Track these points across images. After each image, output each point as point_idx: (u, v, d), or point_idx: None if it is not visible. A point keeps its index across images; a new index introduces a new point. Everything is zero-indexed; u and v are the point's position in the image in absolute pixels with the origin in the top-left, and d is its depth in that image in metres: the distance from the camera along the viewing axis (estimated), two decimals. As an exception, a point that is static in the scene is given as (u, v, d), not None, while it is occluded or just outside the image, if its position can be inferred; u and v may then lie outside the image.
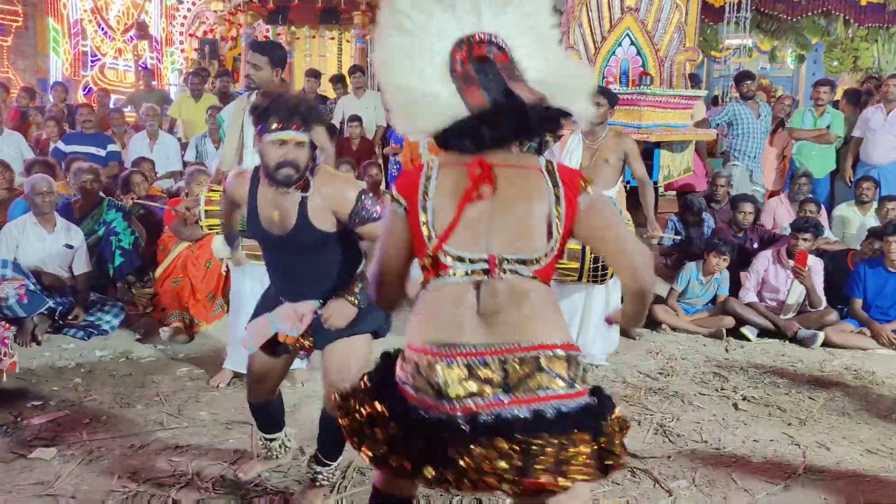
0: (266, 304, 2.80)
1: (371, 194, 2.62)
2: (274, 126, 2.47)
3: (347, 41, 13.49)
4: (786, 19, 11.01)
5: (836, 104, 7.88)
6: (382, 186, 6.86)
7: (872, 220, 6.12)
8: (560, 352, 1.71)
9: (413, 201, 1.78)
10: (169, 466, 3.13)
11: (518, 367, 1.67)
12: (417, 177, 1.79)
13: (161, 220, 5.48)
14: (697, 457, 3.31)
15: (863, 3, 10.52)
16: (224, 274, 4.76)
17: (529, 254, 1.74)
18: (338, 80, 9.03)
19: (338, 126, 7.89)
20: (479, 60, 1.70)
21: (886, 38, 11.04)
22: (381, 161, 7.56)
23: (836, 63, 11.85)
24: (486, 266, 1.73)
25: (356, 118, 7.56)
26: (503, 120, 1.70)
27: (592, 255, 4.17)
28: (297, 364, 4.11)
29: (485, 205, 1.72)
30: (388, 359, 1.90)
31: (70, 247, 4.77)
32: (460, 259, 1.74)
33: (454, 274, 1.74)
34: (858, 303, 5.24)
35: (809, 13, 10.87)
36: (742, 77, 7.33)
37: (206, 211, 3.77)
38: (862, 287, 5.24)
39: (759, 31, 11.72)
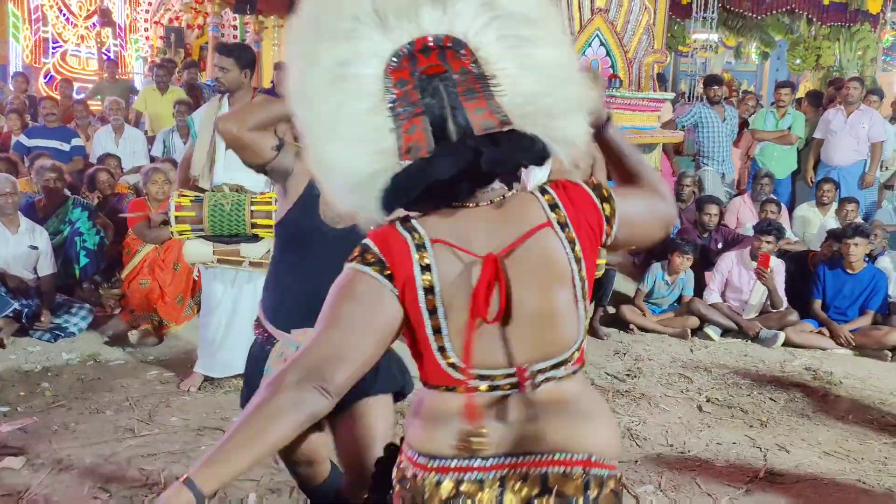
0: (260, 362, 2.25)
1: None
2: None
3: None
4: (751, 17, 11.18)
5: (799, 103, 8.06)
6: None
7: (832, 222, 6.29)
8: (614, 475, 1.37)
9: (410, 288, 1.28)
10: (140, 475, 3.13)
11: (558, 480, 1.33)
12: (407, 250, 1.29)
13: (128, 218, 5.41)
14: (663, 461, 3.40)
15: (825, 3, 10.71)
16: (195, 278, 4.72)
17: (564, 351, 1.34)
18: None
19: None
20: (428, 76, 1.18)
21: (848, 38, 11.27)
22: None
23: (798, 61, 12.08)
24: (513, 381, 1.32)
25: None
26: (445, 168, 1.20)
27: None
28: (269, 368, 4.12)
29: (509, 298, 1.30)
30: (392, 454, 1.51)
31: (34, 248, 4.69)
32: (482, 377, 1.32)
33: (477, 390, 1.33)
34: (818, 303, 5.39)
35: (774, 11, 11.05)
36: (710, 81, 7.45)
37: (176, 217, 3.74)
38: (821, 288, 5.40)
39: (725, 28, 11.88)
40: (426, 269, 1.28)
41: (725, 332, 5.37)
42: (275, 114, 2.08)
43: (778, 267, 5.44)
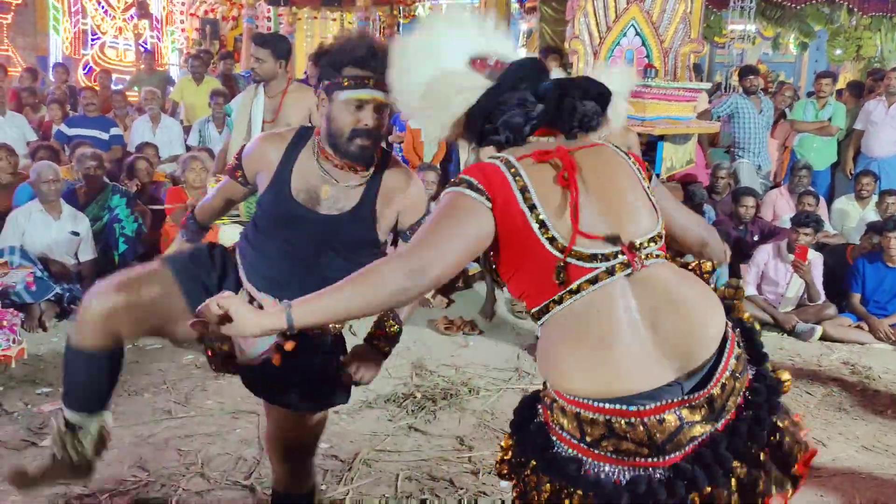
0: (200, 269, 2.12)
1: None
2: (348, 81, 1.88)
3: (350, 23, 13.40)
4: (790, 6, 10.97)
5: (839, 93, 7.89)
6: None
7: (872, 215, 6.16)
8: (740, 351, 1.50)
9: (509, 200, 1.44)
10: (178, 456, 3.19)
11: (721, 393, 1.44)
12: (500, 173, 1.46)
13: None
14: (697, 452, 3.37)
15: (867, -8, 10.49)
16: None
17: (654, 227, 1.49)
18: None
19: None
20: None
21: (890, 28, 11.00)
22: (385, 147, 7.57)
23: (838, 51, 11.83)
24: (623, 259, 1.42)
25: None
26: (574, 93, 1.50)
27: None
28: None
29: (588, 188, 1.46)
30: (532, 410, 1.60)
31: (76, 234, 4.79)
32: (594, 257, 1.42)
33: (596, 280, 1.42)
34: (857, 297, 5.29)
35: (813, 1, 10.84)
36: (746, 72, 7.34)
37: (214, 203, 3.80)
38: (860, 281, 5.30)
39: (763, 18, 11.68)
40: (516, 176, 1.45)
41: (761, 325, 5.26)
42: None
43: (816, 260, 5.35)
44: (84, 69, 11.62)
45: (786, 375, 1.58)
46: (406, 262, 1.39)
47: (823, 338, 5.09)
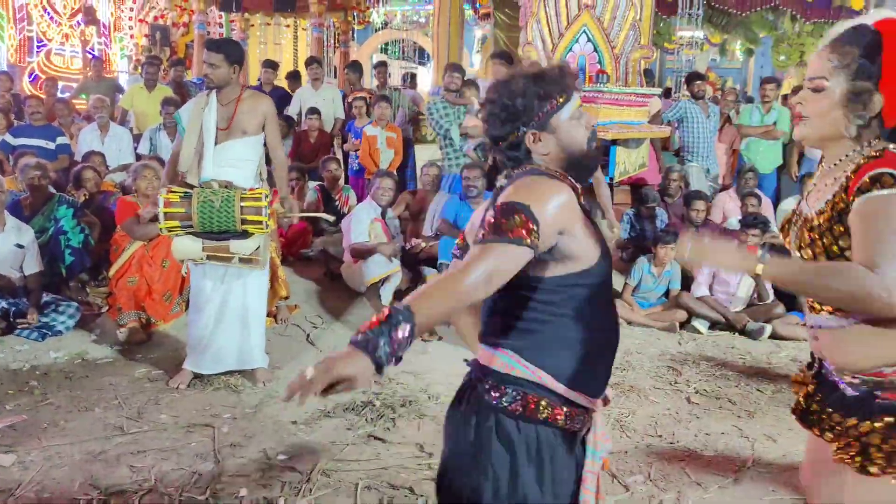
0: None
1: None
2: (562, 98, 1.72)
3: (304, 29, 13.35)
4: (736, 14, 11.27)
5: (784, 98, 8.12)
6: (341, 182, 6.83)
7: (817, 215, 6.33)
8: None
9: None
10: (131, 472, 3.12)
11: None
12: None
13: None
14: (653, 451, 3.43)
15: (809, 0, 10.82)
16: (184, 275, 4.70)
17: None
18: (293, 76, 8.97)
19: (295, 118, 7.83)
20: None
21: (831, 34, 11.37)
22: (339, 155, 7.54)
23: (783, 57, 12.21)
24: None
25: (315, 110, 7.51)
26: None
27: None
28: (259, 363, 4.13)
29: None
30: None
31: (20, 246, 4.66)
32: None
33: None
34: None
35: (758, 8, 11.14)
36: (693, 77, 7.51)
37: (165, 213, 3.73)
38: (807, 280, 5.44)
39: (711, 25, 11.97)
40: None
41: (713, 325, 5.41)
42: None
43: (764, 260, 5.47)
44: (29, 77, 11.32)
45: None
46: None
47: (773, 336, 5.22)
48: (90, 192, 5.71)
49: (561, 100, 1.71)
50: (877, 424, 1.62)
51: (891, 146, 1.64)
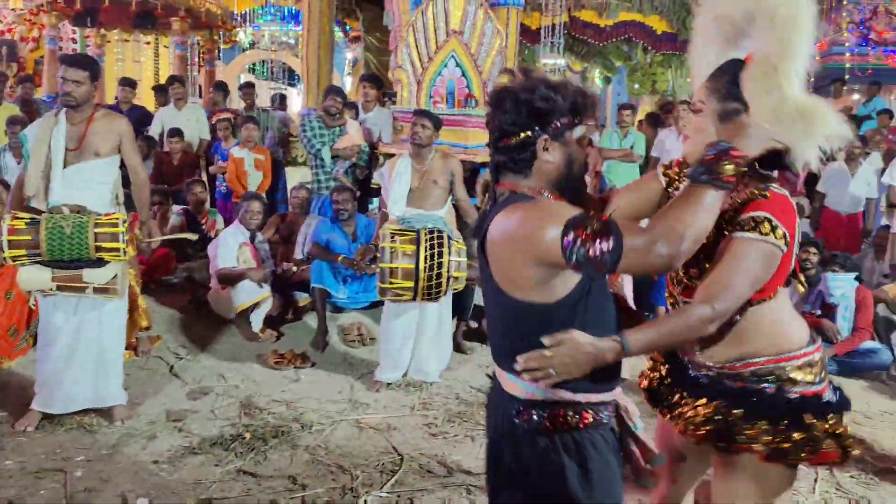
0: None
1: None
2: (578, 118, 1.75)
3: (165, 47, 12.83)
4: (594, 44, 11.93)
5: (640, 124, 8.64)
6: (207, 205, 6.58)
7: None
8: None
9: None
10: (-31, 527, 2.83)
11: None
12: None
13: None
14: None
15: (658, 33, 11.62)
16: (32, 307, 4.34)
17: None
18: (159, 90, 8.57)
19: (156, 139, 7.47)
20: None
21: (679, 65, 12.25)
22: (205, 177, 7.26)
23: (637, 86, 13.01)
24: None
25: (176, 132, 7.20)
26: None
27: (426, 274, 4.29)
28: (117, 399, 3.87)
29: None
30: None
31: None
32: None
33: None
34: (662, 310, 5.77)
35: (614, 39, 11.85)
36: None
37: (9, 241, 3.45)
38: (663, 294, 5.77)
39: (572, 54, 12.59)
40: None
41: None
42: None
43: (626, 276, 5.77)
44: None
45: None
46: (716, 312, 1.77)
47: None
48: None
49: (578, 119, 1.74)
50: (722, 406, 1.88)
51: (774, 185, 1.84)
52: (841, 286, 5.15)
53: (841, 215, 6.93)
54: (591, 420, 1.73)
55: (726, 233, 1.81)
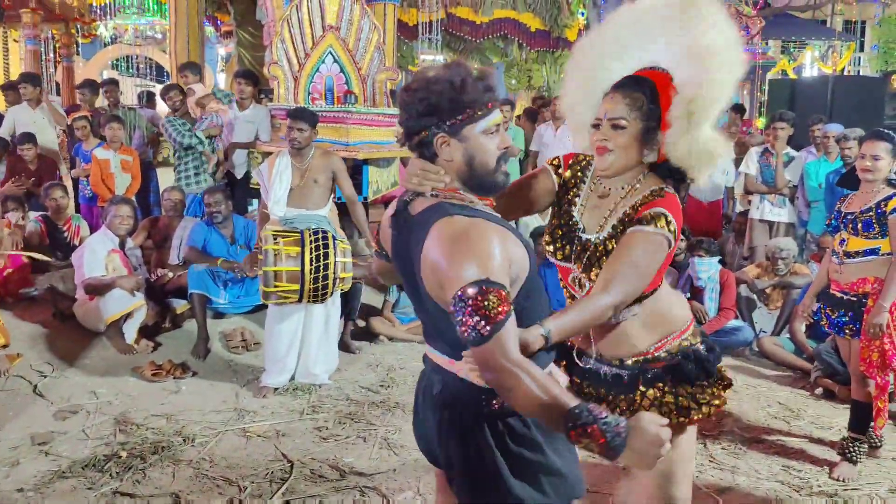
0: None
1: None
2: (480, 111, 1.68)
3: (15, 41, 11.89)
4: (471, 41, 12.10)
5: (518, 119, 8.82)
6: (70, 210, 6.14)
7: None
8: None
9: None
10: None
11: None
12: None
13: None
14: (421, 466, 3.46)
15: (532, 30, 11.94)
16: None
17: None
18: (8, 87, 7.89)
19: (8, 140, 6.88)
20: None
21: (552, 61, 12.65)
22: (68, 182, 6.77)
23: (514, 81, 13.33)
24: None
25: (28, 137, 6.60)
26: None
27: (312, 276, 4.18)
28: None
29: None
30: None
31: None
32: None
33: None
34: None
35: (490, 36, 12.07)
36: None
37: None
38: (547, 287, 5.93)
39: (450, 50, 12.72)
40: None
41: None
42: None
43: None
44: None
45: None
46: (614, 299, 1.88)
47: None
48: None
49: (479, 112, 1.67)
50: (649, 391, 2.03)
51: (668, 187, 1.96)
52: (707, 269, 5.46)
53: (703, 203, 7.35)
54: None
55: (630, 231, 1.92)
